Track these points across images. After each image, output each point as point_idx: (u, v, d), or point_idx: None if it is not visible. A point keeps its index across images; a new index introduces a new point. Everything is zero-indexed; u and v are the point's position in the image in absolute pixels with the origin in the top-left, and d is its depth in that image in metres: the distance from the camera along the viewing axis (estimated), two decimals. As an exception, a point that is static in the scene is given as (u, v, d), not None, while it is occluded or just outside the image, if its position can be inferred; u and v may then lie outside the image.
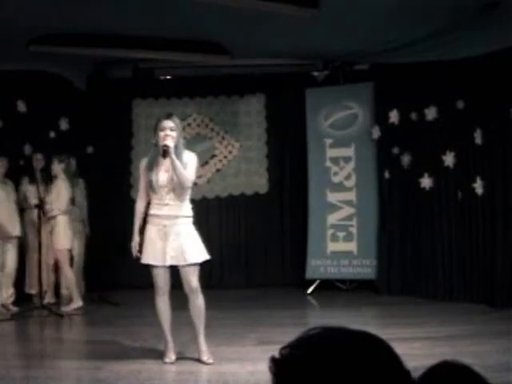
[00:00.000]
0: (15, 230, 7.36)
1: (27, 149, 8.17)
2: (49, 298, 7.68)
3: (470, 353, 4.79)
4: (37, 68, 7.99)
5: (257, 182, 9.23)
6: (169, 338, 4.97)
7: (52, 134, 8.55)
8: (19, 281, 7.59)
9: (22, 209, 7.57)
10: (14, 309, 7.25)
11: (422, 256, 7.77)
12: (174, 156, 4.74)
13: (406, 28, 6.57)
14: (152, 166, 4.86)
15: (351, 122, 8.56)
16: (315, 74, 8.76)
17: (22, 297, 7.59)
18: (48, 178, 7.72)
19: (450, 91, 7.30)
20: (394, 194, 8.10)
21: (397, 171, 7.99)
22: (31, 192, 7.52)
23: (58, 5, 5.76)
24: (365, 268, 8.36)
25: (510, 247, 6.83)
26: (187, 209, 4.92)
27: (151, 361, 4.95)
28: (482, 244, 7.07)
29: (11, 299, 7.35)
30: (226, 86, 9.19)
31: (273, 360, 1.06)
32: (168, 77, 9.24)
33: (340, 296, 8.25)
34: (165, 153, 4.74)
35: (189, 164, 4.85)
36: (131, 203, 9.11)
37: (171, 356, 4.94)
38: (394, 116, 7.97)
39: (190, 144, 6.94)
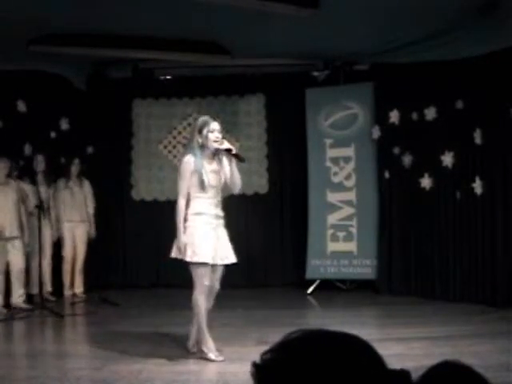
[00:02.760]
0: (14, 231, 7.34)
1: (27, 149, 8.17)
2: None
3: (470, 353, 4.79)
4: (37, 68, 7.99)
5: (257, 182, 9.22)
6: (208, 335, 4.95)
7: (53, 135, 8.55)
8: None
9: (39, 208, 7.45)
10: (26, 306, 7.23)
11: (421, 256, 7.76)
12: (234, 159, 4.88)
13: (406, 28, 6.57)
14: (200, 167, 4.86)
15: (351, 122, 8.55)
16: (315, 73, 8.75)
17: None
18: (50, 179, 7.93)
19: (450, 91, 7.30)
20: (394, 193, 8.09)
21: (397, 171, 7.98)
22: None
23: (58, 5, 5.76)
24: (365, 268, 8.36)
25: (510, 247, 6.83)
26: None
27: (151, 361, 4.95)
28: (482, 244, 7.07)
29: (22, 299, 7.35)
30: (226, 86, 9.18)
31: (254, 365, 1.05)
32: (168, 77, 9.23)
33: (340, 296, 8.24)
34: (238, 156, 4.85)
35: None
36: (131, 203, 9.22)
37: (216, 352, 4.91)
38: (394, 116, 7.97)
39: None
